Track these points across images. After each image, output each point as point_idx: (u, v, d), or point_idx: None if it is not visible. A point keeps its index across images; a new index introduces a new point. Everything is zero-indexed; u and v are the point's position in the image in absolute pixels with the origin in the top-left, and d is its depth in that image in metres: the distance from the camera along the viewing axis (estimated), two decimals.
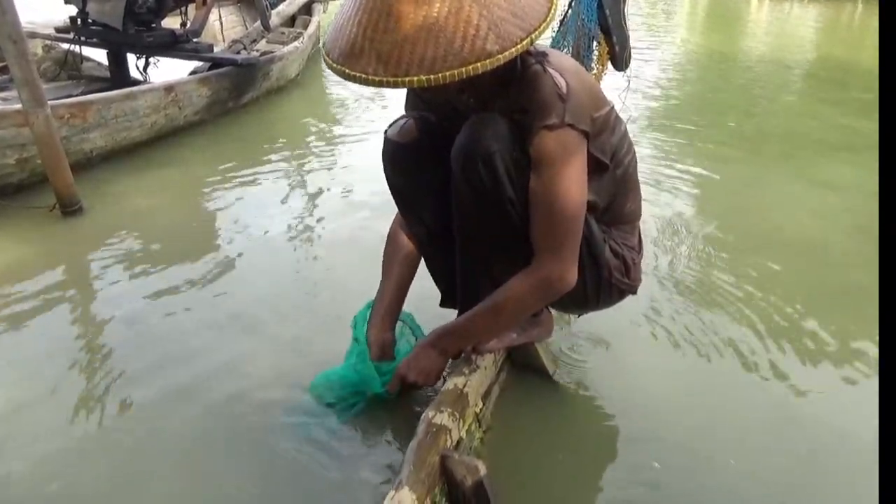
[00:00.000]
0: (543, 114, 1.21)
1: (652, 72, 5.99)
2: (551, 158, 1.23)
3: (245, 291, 2.11)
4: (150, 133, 3.37)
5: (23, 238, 2.43)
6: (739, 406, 1.66)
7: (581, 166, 1.27)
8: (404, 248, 1.62)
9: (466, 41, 1.04)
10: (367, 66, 1.07)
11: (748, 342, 1.90)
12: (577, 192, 1.27)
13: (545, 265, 1.30)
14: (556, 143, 1.22)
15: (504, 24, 1.06)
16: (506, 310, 1.36)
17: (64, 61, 4.05)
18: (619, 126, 1.38)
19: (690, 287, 2.17)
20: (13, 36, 2.29)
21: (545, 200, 1.26)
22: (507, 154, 1.25)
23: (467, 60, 1.04)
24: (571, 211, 1.27)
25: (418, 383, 1.47)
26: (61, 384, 1.66)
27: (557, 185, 1.24)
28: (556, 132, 1.22)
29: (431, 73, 1.04)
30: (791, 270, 2.34)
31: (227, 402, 1.61)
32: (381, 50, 1.06)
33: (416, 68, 1.04)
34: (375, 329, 1.57)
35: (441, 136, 1.50)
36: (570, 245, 1.30)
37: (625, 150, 1.40)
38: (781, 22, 10.80)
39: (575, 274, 1.32)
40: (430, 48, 1.04)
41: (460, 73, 1.04)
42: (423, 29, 1.04)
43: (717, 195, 3.14)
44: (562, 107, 1.21)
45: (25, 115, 2.44)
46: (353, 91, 4.94)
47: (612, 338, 1.87)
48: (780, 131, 4.32)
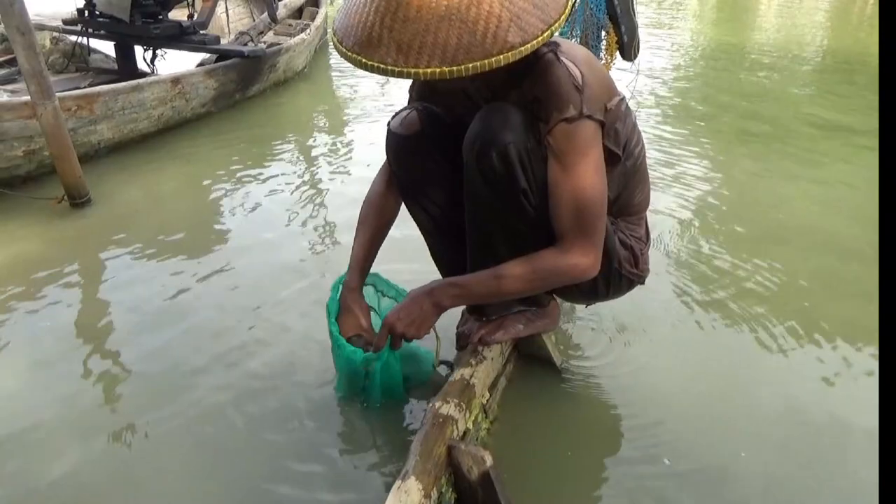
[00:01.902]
0: (561, 106, 1.20)
1: (660, 62, 5.95)
2: (574, 149, 1.22)
3: (252, 282, 2.11)
4: (157, 125, 3.38)
5: (32, 229, 2.45)
6: (751, 399, 1.65)
7: (600, 155, 1.26)
8: (380, 204, 1.58)
9: (488, 33, 1.02)
10: (385, 55, 1.04)
11: (759, 336, 1.88)
12: (601, 180, 1.26)
13: (577, 251, 1.27)
14: (576, 135, 1.21)
15: (525, 15, 1.05)
16: (519, 280, 1.30)
17: (72, 53, 4.06)
18: (630, 116, 1.37)
19: (699, 279, 2.16)
20: (21, 28, 2.30)
21: (572, 192, 1.24)
22: (521, 144, 1.24)
23: (489, 52, 1.02)
24: (599, 199, 1.26)
25: (406, 335, 1.37)
26: (69, 375, 1.67)
27: (583, 175, 1.23)
28: (575, 124, 1.20)
29: (454, 65, 1.02)
30: (802, 264, 2.32)
31: (234, 394, 1.61)
32: (400, 40, 1.03)
33: (438, 59, 1.02)
34: (350, 291, 1.51)
35: (444, 127, 1.50)
36: (600, 233, 1.29)
37: (635, 140, 1.39)
38: (792, 12, 10.69)
39: (599, 263, 1.30)
40: (453, 39, 1.02)
41: (482, 66, 1.02)
42: (444, 19, 1.02)
43: (725, 187, 3.11)
44: (578, 98, 1.19)
45: (33, 107, 2.45)
46: (359, 83, 4.94)
47: (619, 329, 1.87)
48: (789, 123, 4.28)
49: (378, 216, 1.58)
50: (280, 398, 1.59)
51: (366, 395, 1.52)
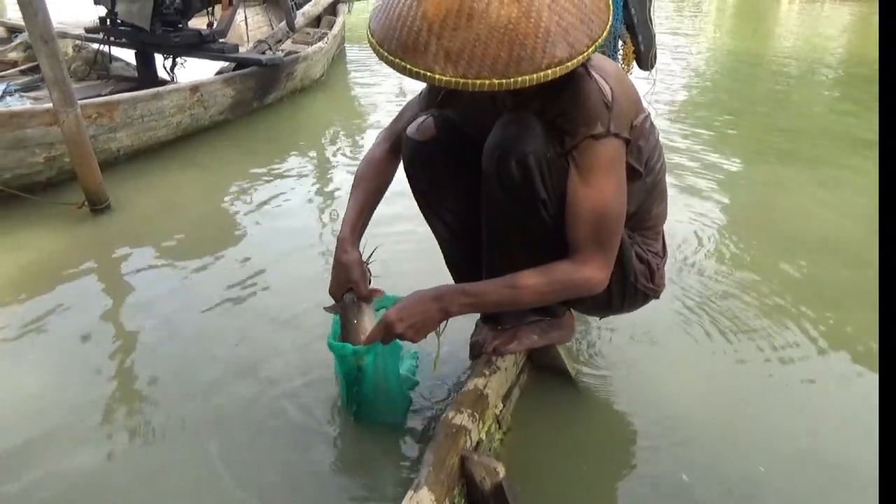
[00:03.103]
0: (589, 122, 1.19)
1: (678, 71, 5.92)
2: (599, 166, 1.22)
3: (270, 288, 2.12)
4: (175, 132, 3.41)
5: (53, 234, 2.48)
6: (769, 413, 1.63)
7: (623, 173, 1.26)
8: (377, 167, 1.56)
9: (538, 46, 1.02)
10: (433, 63, 1.02)
11: (776, 347, 1.86)
12: (621, 198, 1.26)
13: (592, 266, 1.26)
14: (602, 152, 1.21)
15: (573, 30, 1.05)
16: (532, 292, 1.28)
17: (93, 61, 4.12)
18: (654, 133, 1.36)
19: (716, 291, 2.14)
20: (45, 36, 2.33)
21: (593, 208, 1.23)
22: (540, 154, 1.23)
23: (539, 66, 1.02)
24: (618, 217, 1.27)
25: (404, 337, 1.29)
26: (89, 377, 1.69)
27: (605, 192, 1.23)
28: (602, 141, 1.20)
29: (504, 78, 1.01)
30: (820, 274, 2.29)
31: (249, 398, 1.62)
32: (449, 48, 1.01)
33: (488, 71, 1.01)
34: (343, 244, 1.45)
35: (460, 134, 1.50)
36: (615, 249, 1.30)
37: (656, 157, 1.38)
38: (813, 20, 10.60)
39: (608, 278, 1.30)
40: (504, 51, 1.01)
41: (531, 80, 1.02)
42: (496, 30, 1.01)
43: (742, 196, 3.09)
44: (607, 115, 1.19)
45: (55, 114, 2.48)
46: (376, 91, 4.96)
47: (635, 341, 1.85)
48: (808, 131, 4.24)
49: (375, 178, 1.54)
50: (291, 405, 1.59)
51: (358, 398, 1.47)
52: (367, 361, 1.36)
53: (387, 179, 1.57)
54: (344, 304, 1.44)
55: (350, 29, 6.43)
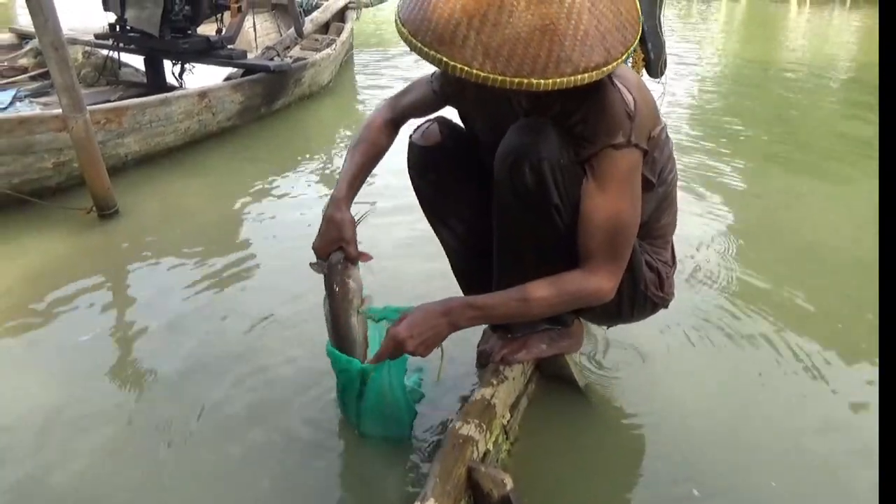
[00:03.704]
0: (610, 131, 1.18)
1: (687, 79, 5.91)
2: (617, 176, 1.21)
3: (276, 294, 2.11)
4: (183, 138, 3.42)
5: (62, 239, 2.49)
6: (781, 425, 1.60)
7: (639, 183, 1.26)
8: (376, 134, 1.53)
9: (575, 48, 1.01)
10: (471, 58, 1.00)
11: (789, 359, 1.84)
12: (636, 209, 1.26)
13: (603, 275, 1.26)
14: (621, 162, 1.20)
15: (610, 35, 1.04)
16: (542, 304, 1.27)
17: (103, 67, 4.14)
18: (668, 144, 1.36)
19: (726, 300, 2.12)
20: (55, 43, 2.34)
21: (608, 217, 1.23)
22: (555, 161, 1.22)
23: (577, 69, 1.01)
24: (632, 227, 1.27)
25: (415, 353, 1.27)
26: (95, 383, 1.69)
27: (620, 202, 1.23)
28: (622, 151, 1.19)
29: (543, 78, 1.00)
30: (833, 285, 2.27)
31: (255, 408, 1.61)
32: (488, 44, 0.99)
33: (528, 70, 1.00)
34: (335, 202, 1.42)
35: (465, 140, 1.50)
36: (626, 261, 1.29)
37: (669, 167, 1.37)
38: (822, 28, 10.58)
39: (617, 287, 1.29)
40: (544, 51, 1.00)
41: (568, 82, 1.01)
42: (537, 30, 1.00)
43: (753, 205, 3.07)
44: (629, 125, 1.18)
45: (65, 120, 2.49)
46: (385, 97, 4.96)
47: (645, 350, 1.83)
48: (817, 139, 4.22)
49: (373, 144, 1.51)
50: (298, 416, 1.58)
51: (361, 412, 1.44)
52: (373, 376, 1.35)
53: (383, 148, 1.54)
54: (330, 264, 1.39)
55: (358, 35, 6.45)
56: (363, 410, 1.42)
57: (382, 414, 1.43)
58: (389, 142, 1.55)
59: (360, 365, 1.34)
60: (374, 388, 1.37)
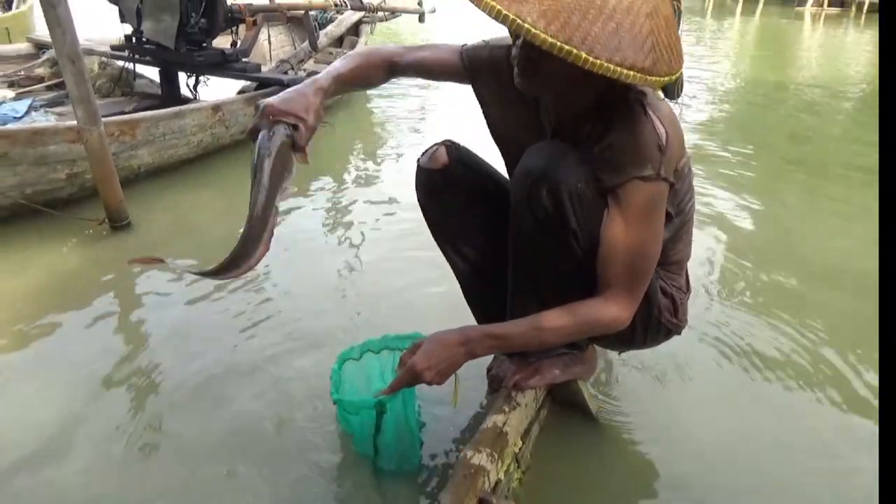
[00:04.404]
0: (640, 162, 1.17)
1: (700, 98, 5.89)
2: (642, 208, 1.20)
3: (286, 308, 2.10)
4: (196, 151, 3.43)
5: (73, 250, 2.49)
6: (798, 457, 1.57)
7: (663, 216, 1.25)
8: (378, 59, 1.43)
9: (630, 45, 1.00)
10: (526, 13, 0.96)
11: (805, 388, 1.81)
12: (658, 241, 1.26)
13: (620, 304, 1.25)
14: (649, 194, 1.19)
15: (660, 50, 1.04)
16: (558, 333, 1.27)
17: (118, 78, 4.17)
18: (690, 175, 1.34)
19: (741, 327, 2.08)
20: (71, 56, 2.35)
21: (630, 248, 1.22)
22: (573, 186, 1.21)
23: (624, 63, 0.99)
24: (653, 259, 1.27)
25: (431, 383, 1.26)
26: (101, 398, 1.68)
27: (644, 234, 1.22)
28: (650, 183, 1.18)
29: (593, 56, 0.97)
30: (849, 310, 2.23)
31: (264, 427, 1.59)
32: (546, 6, 0.97)
33: (578, 41, 0.97)
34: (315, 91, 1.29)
35: (474, 163, 1.51)
36: (643, 290, 1.29)
37: (688, 198, 1.36)
38: (836, 46, 10.54)
39: (632, 316, 1.28)
40: (596, 29, 0.98)
41: (614, 71, 0.98)
42: (595, 9, 0.98)
43: (766, 228, 3.03)
44: (659, 159, 1.17)
45: (79, 132, 2.50)
46: (396, 111, 4.97)
47: (658, 378, 1.80)
48: (832, 160, 4.19)
49: (368, 67, 1.41)
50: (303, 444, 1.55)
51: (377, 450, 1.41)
52: (389, 407, 1.33)
53: (372, 80, 1.45)
54: (276, 130, 1.20)
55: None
56: (382, 444, 1.40)
57: (399, 445, 1.40)
58: (381, 80, 1.46)
59: (373, 400, 1.32)
60: (392, 419, 1.35)
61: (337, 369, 1.40)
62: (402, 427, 1.38)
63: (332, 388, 1.36)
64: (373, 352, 1.51)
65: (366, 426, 1.37)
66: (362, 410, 1.35)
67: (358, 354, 1.49)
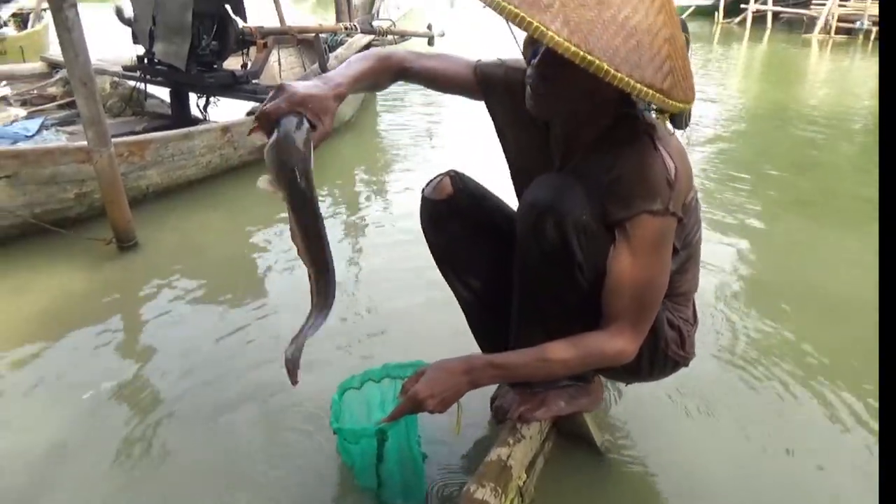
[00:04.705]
0: (649, 196, 1.17)
1: (706, 125, 5.89)
2: (650, 243, 1.20)
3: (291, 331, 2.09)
4: (204, 171, 3.45)
5: (80, 270, 2.50)
6: (804, 494, 1.54)
7: (671, 250, 1.25)
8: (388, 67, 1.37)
9: (650, 64, 1.01)
10: (550, 21, 0.97)
11: (813, 422, 1.78)
12: (666, 275, 1.26)
13: (626, 338, 1.25)
14: (657, 228, 1.19)
15: (677, 75, 1.05)
16: (563, 365, 1.26)
17: (129, 98, 4.22)
18: (697, 209, 1.34)
19: (748, 359, 2.06)
20: (84, 78, 2.38)
21: (637, 282, 1.21)
22: (579, 219, 1.21)
23: (644, 80, 1.00)
24: (660, 293, 1.26)
25: (434, 411, 1.25)
26: (109, 415, 1.69)
27: (651, 268, 1.21)
28: (658, 218, 1.18)
29: (614, 68, 0.98)
30: (855, 340, 2.20)
31: (268, 454, 1.58)
32: (570, 18, 0.98)
33: (600, 52, 0.97)
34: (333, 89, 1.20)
35: (478, 194, 1.51)
36: (649, 324, 1.28)
37: (694, 231, 1.36)
38: (843, 73, 10.55)
39: (638, 350, 1.28)
40: (618, 42, 0.99)
41: (633, 87, 1.00)
42: (619, 25, 1.00)
43: (771, 258, 3.01)
44: (668, 193, 1.17)
45: (89, 152, 2.52)
46: (404, 135, 4.99)
47: (664, 411, 1.78)
48: (837, 189, 4.17)
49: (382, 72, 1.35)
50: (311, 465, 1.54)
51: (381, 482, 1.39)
52: (390, 435, 1.31)
53: (380, 84, 1.40)
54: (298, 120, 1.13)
55: None
56: (385, 474, 1.37)
57: (403, 475, 1.38)
58: (388, 84, 1.41)
59: (374, 428, 1.30)
60: (395, 447, 1.33)
61: (337, 399, 1.39)
62: (406, 455, 1.36)
63: (332, 417, 1.34)
64: (374, 381, 1.49)
65: (367, 455, 1.35)
66: (363, 439, 1.33)
67: (359, 384, 1.48)
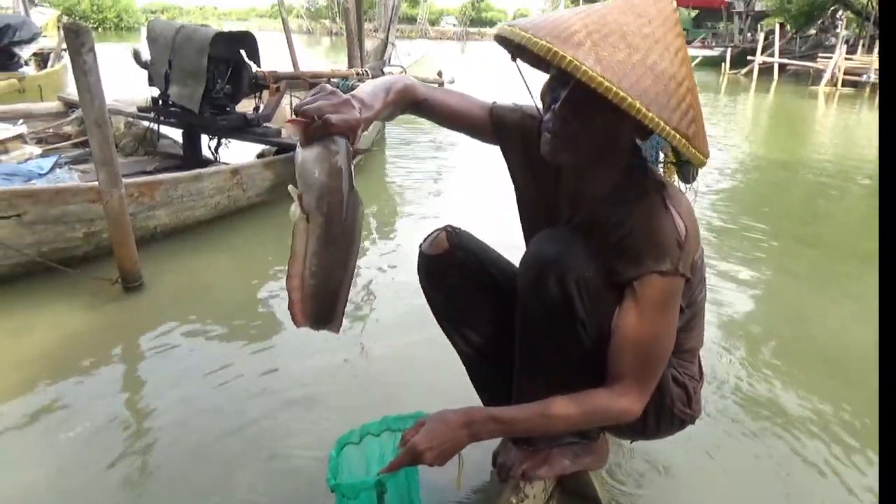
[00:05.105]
0: (659, 256, 1.17)
1: (711, 177, 5.91)
2: (658, 302, 1.19)
3: (297, 373, 2.09)
4: (213, 212, 3.47)
5: (85, 311, 2.50)
6: None
7: (678, 309, 1.24)
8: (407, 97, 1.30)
9: (674, 108, 1.03)
10: (584, 57, 1.00)
11: (818, 479, 1.74)
12: (672, 335, 1.24)
13: (631, 397, 1.23)
14: (665, 289, 1.18)
15: (697, 126, 1.07)
16: (565, 421, 1.24)
17: (143, 137, 4.29)
18: (703, 267, 1.33)
19: (754, 416, 2.02)
20: (98, 120, 2.41)
21: (643, 341, 1.20)
22: (581, 275, 1.21)
23: (670, 122, 1.02)
24: (666, 353, 1.25)
25: (432, 464, 1.23)
26: (112, 458, 1.67)
27: (658, 328, 1.21)
28: (667, 278, 1.18)
29: (643, 104, 1.00)
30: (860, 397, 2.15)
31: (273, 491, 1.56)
32: (602, 56, 1.01)
33: (629, 88, 1.00)
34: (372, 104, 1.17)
35: (476, 249, 1.50)
36: (655, 383, 1.26)
37: (700, 289, 1.34)
38: (850, 126, 10.63)
39: (643, 408, 1.25)
40: (648, 84, 1.01)
41: (661, 129, 1.01)
42: (647, 68, 1.02)
43: (779, 310, 2.99)
44: (678, 255, 1.17)
45: (100, 193, 2.54)
46: (413, 177, 5.03)
47: (672, 469, 1.74)
48: (842, 243, 4.15)
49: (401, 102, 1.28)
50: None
51: None
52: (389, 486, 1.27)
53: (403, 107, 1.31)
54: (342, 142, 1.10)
55: None
56: None
57: None
58: (400, 114, 1.34)
59: (373, 480, 1.26)
60: (395, 501, 1.30)
61: (335, 455, 1.36)
62: None
63: (329, 473, 1.31)
64: (373, 434, 1.46)
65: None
66: (362, 493, 1.29)
67: (357, 438, 1.44)
